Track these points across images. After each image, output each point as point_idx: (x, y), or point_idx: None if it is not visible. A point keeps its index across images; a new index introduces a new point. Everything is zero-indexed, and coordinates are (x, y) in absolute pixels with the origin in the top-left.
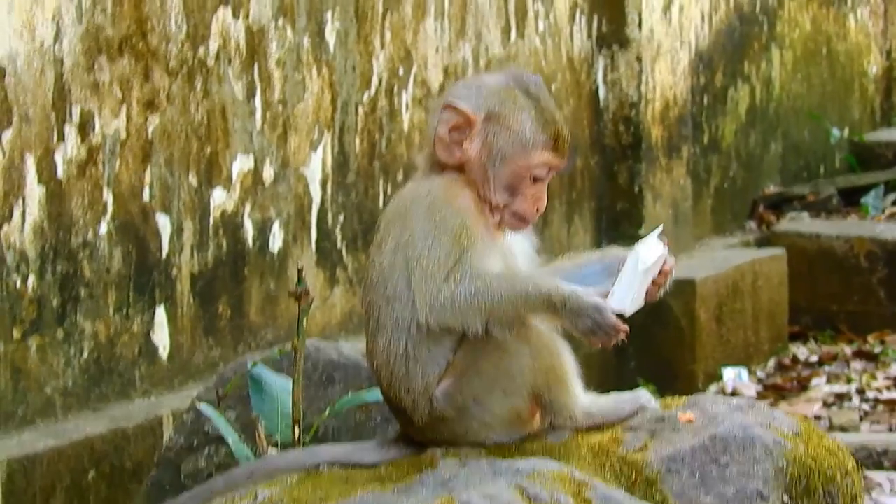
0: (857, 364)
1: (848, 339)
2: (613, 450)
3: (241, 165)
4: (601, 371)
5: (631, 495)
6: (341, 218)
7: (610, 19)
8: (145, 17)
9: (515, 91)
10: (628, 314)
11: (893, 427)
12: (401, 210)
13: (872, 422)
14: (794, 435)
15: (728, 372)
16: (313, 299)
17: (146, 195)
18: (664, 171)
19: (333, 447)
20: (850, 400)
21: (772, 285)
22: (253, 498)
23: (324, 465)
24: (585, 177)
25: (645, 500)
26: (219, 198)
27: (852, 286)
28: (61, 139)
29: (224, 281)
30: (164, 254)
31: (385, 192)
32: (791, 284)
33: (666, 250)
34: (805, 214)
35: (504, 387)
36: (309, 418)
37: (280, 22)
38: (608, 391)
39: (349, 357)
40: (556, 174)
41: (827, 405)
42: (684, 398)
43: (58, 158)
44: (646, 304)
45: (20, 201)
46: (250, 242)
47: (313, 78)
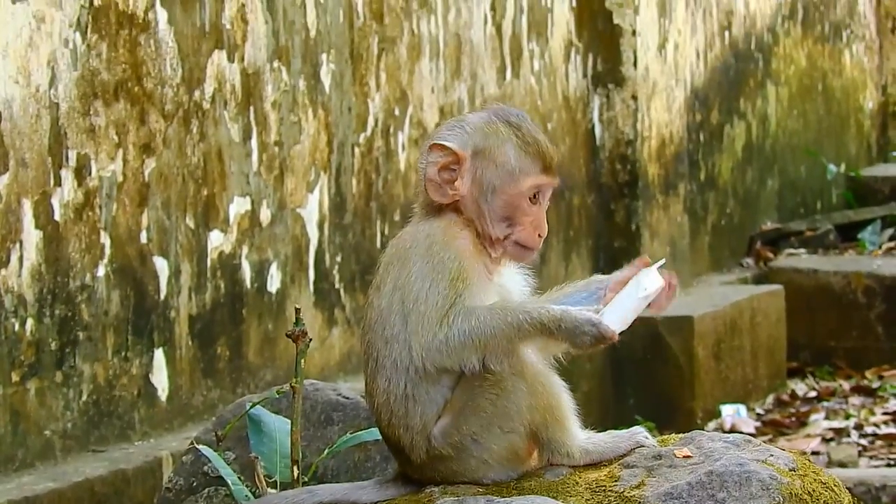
0: (856, 399)
1: (846, 375)
2: (611, 487)
3: (238, 207)
4: (600, 408)
5: None
6: (339, 259)
7: (605, 58)
8: (140, 62)
9: (497, 124)
10: (617, 332)
11: (892, 462)
12: (399, 253)
13: (871, 457)
14: (791, 470)
15: (727, 409)
16: (311, 340)
17: (143, 238)
18: (661, 209)
19: (332, 487)
20: (849, 435)
21: (770, 322)
22: None
23: None
24: (582, 215)
25: None
26: (216, 240)
27: (850, 322)
28: (58, 183)
29: (222, 322)
30: (162, 296)
31: (382, 233)
32: (789, 321)
33: (672, 280)
34: (802, 250)
35: (501, 425)
36: (308, 458)
37: (275, 64)
38: (607, 429)
39: (348, 397)
40: (553, 195)
41: (825, 441)
42: (680, 435)
43: (54, 202)
44: (644, 341)
45: (17, 245)
46: (248, 284)
47: (309, 119)
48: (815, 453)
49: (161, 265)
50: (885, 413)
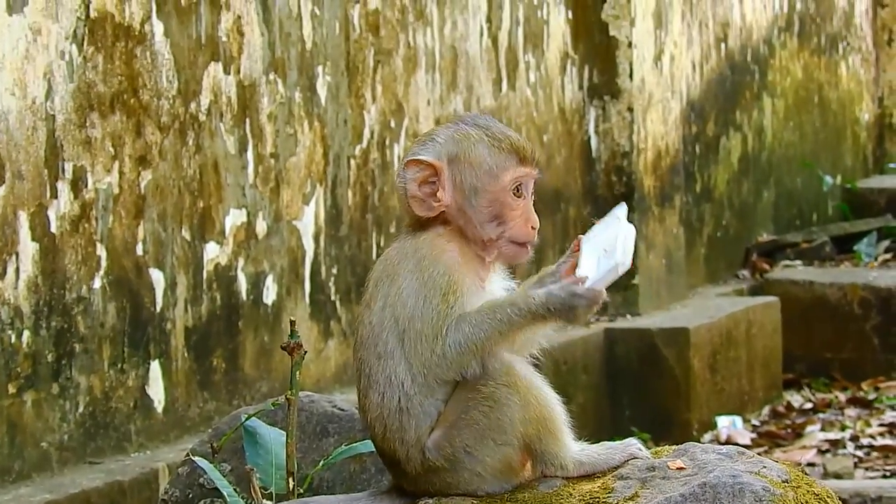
0: (852, 411)
1: (842, 387)
2: (604, 498)
3: (234, 219)
4: (596, 420)
5: None
6: (335, 271)
7: (601, 70)
8: (136, 74)
9: (466, 129)
10: (599, 282)
11: (888, 473)
12: (388, 269)
13: (867, 468)
14: (784, 482)
15: (723, 420)
16: (306, 352)
17: (139, 250)
18: (657, 221)
19: (328, 499)
20: (845, 447)
21: (766, 333)
22: None
23: None
24: (578, 227)
25: None
26: (212, 252)
27: (846, 333)
28: (54, 195)
29: (218, 334)
30: (158, 308)
31: (378, 245)
32: (785, 332)
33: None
34: (798, 262)
35: (495, 437)
36: (303, 470)
37: (271, 76)
38: (603, 440)
39: (343, 409)
40: (535, 185)
41: (821, 452)
42: (674, 447)
43: (51, 214)
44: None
45: (14, 257)
46: (244, 296)
47: (305, 132)
48: (811, 465)
49: (157, 277)
50: (881, 425)
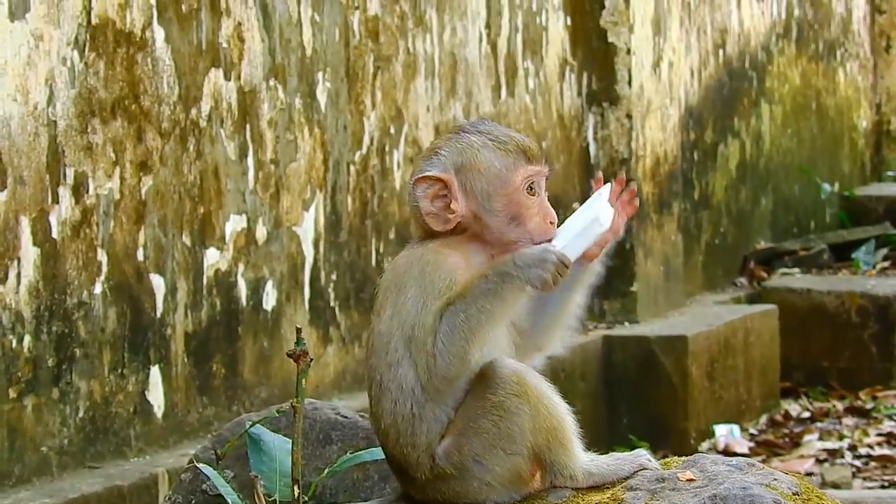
0: (849, 420)
1: (840, 395)
2: None
3: (234, 225)
4: (594, 428)
5: None
6: (334, 277)
7: (600, 76)
8: (137, 80)
9: (468, 137)
10: (572, 258)
11: (886, 483)
12: (396, 278)
13: (865, 478)
14: (794, 494)
15: (720, 429)
16: (312, 360)
17: (140, 255)
18: (655, 228)
19: None
20: (843, 456)
21: (763, 341)
22: None
23: None
24: None
25: None
26: (212, 257)
27: (844, 342)
28: (55, 201)
29: (218, 340)
30: (159, 313)
31: (377, 251)
32: (782, 340)
33: (626, 198)
34: (796, 270)
35: (504, 447)
36: (307, 477)
37: (271, 83)
38: (601, 448)
39: (346, 416)
40: (547, 181)
41: (819, 461)
42: (683, 458)
43: (52, 220)
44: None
45: (15, 262)
46: (244, 301)
47: (305, 138)
48: (809, 474)
49: (157, 283)
50: (879, 434)
